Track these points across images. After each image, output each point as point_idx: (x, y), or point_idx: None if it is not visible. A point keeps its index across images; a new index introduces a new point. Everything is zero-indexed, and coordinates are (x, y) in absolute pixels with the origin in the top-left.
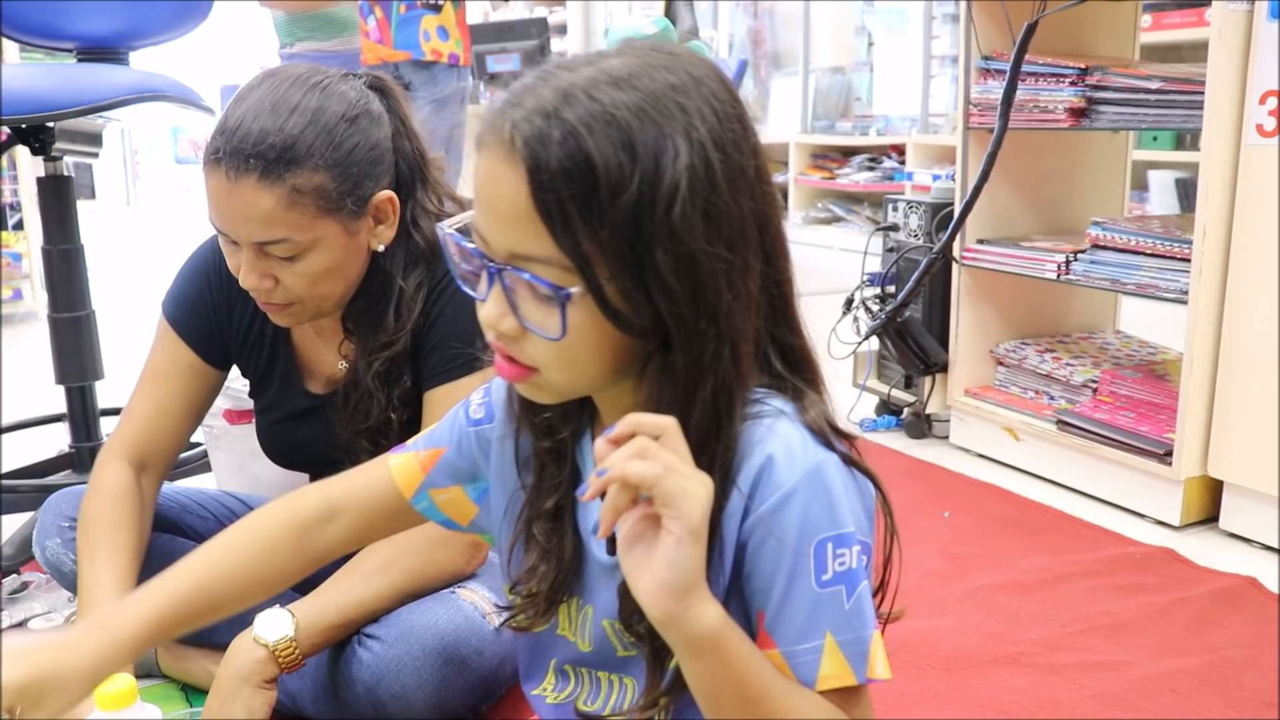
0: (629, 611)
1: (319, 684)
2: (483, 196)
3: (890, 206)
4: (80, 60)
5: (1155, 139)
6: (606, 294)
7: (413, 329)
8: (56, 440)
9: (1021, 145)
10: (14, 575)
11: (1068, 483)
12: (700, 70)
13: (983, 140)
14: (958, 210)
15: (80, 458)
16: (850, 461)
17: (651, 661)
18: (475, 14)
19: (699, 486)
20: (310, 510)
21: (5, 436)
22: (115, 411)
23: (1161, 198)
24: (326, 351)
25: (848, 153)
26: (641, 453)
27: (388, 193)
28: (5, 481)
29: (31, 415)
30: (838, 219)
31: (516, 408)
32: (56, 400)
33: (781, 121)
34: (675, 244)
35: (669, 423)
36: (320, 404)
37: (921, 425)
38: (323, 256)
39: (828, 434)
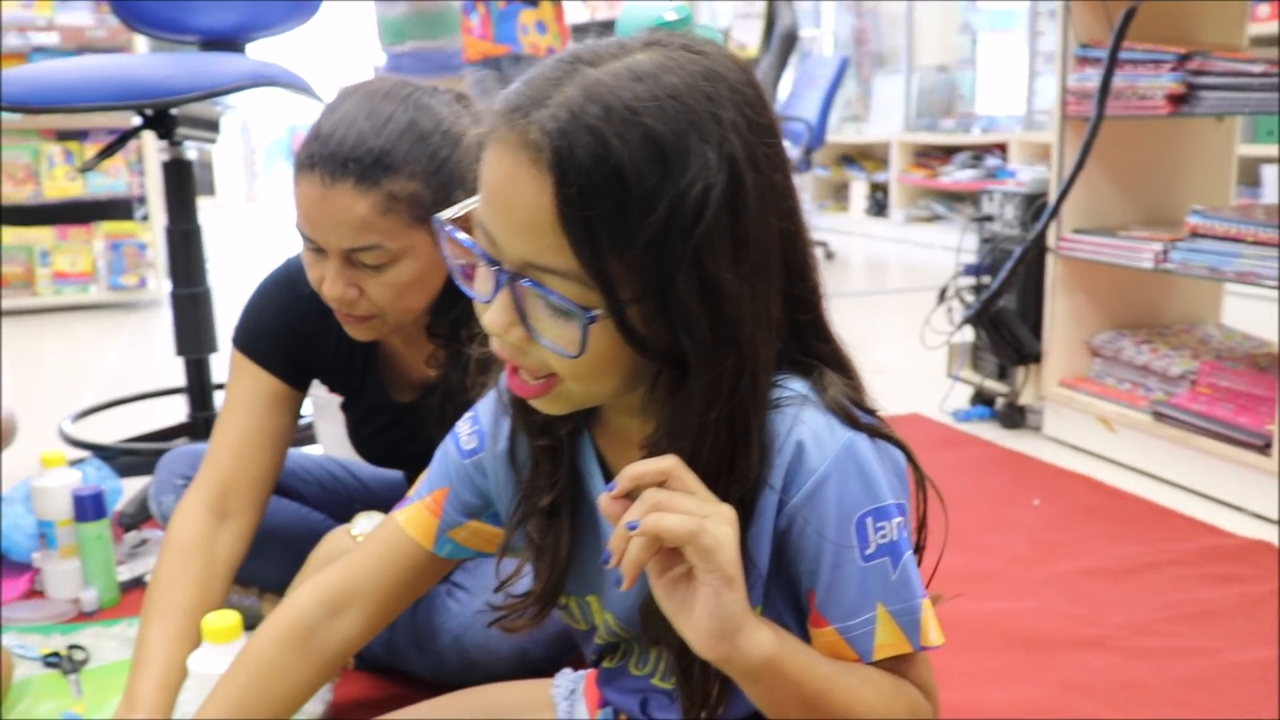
0: (653, 631)
1: (409, 636)
2: (497, 198)
3: (986, 197)
4: (202, 51)
5: (1270, 133)
6: (627, 316)
7: None
8: (176, 411)
9: (1121, 135)
10: (134, 531)
11: (1163, 475)
12: (734, 75)
13: (1080, 130)
14: (1052, 199)
15: (196, 426)
16: (876, 433)
17: (683, 680)
18: (583, 13)
19: (727, 527)
20: (309, 613)
21: (130, 406)
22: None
23: (1276, 192)
24: (414, 361)
25: (950, 151)
26: (661, 505)
27: None
28: (129, 446)
29: (153, 388)
30: (939, 217)
31: (511, 408)
32: (177, 376)
33: (884, 120)
34: (700, 268)
35: (672, 464)
36: (407, 411)
37: (1015, 416)
38: (411, 267)
39: (850, 411)
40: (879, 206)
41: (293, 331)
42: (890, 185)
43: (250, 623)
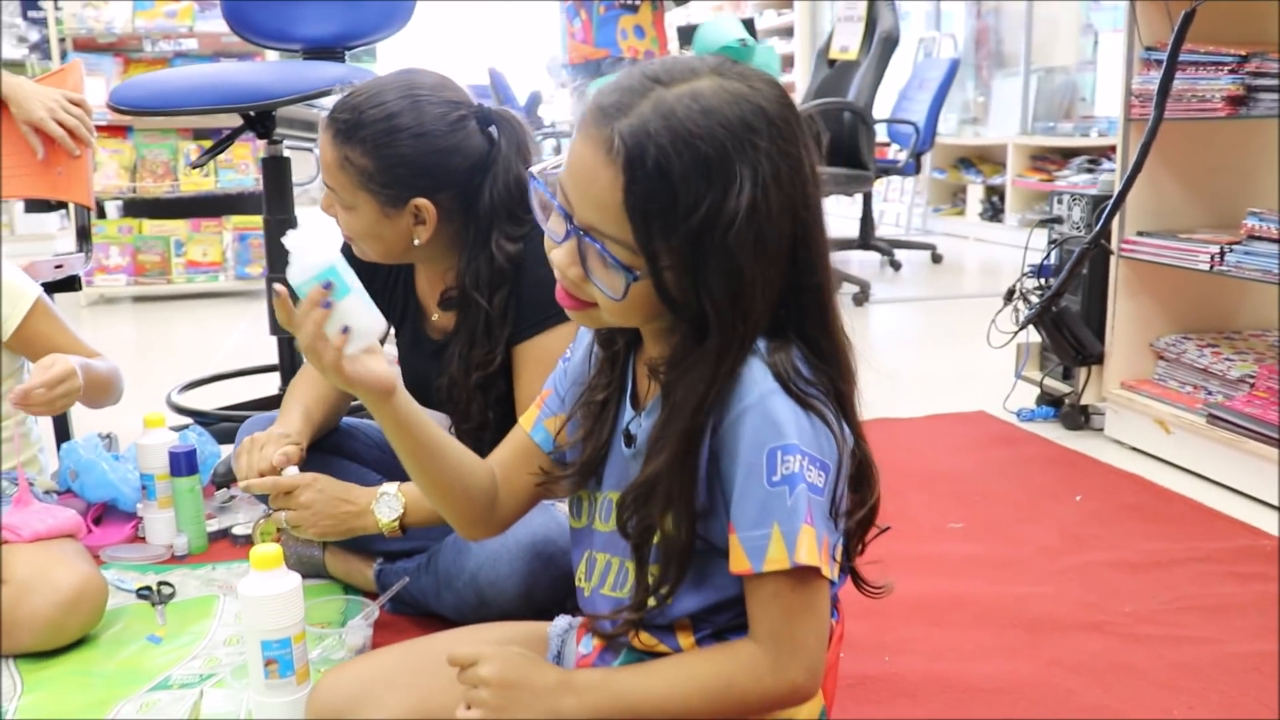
0: (625, 510)
1: (440, 578)
2: (578, 175)
3: (1055, 199)
4: (305, 59)
5: None
6: (664, 281)
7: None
8: (272, 385)
9: (1188, 137)
10: (224, 489)
11: (1216, 477)
12: (774, 108)
13: (1143, 132)
14: (1112, 202)
15: None
16: (803, 403)
17: (636, 562)
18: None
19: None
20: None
21: (237, 381)
22: None
23: None
24: (431, 305)
25: (1068, 154)
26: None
27: (426, 202)
28: (224, 414)
29: (251, 365)
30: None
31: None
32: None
33: (1002, 123)
34: (728, 259)
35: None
36: (437, 347)
37: (1077, 417)
38: (359, 219)
39: (785, 376)
40: (994, 210)
41: (361, 267)
42: (1006, 189)
43: (313, 571)
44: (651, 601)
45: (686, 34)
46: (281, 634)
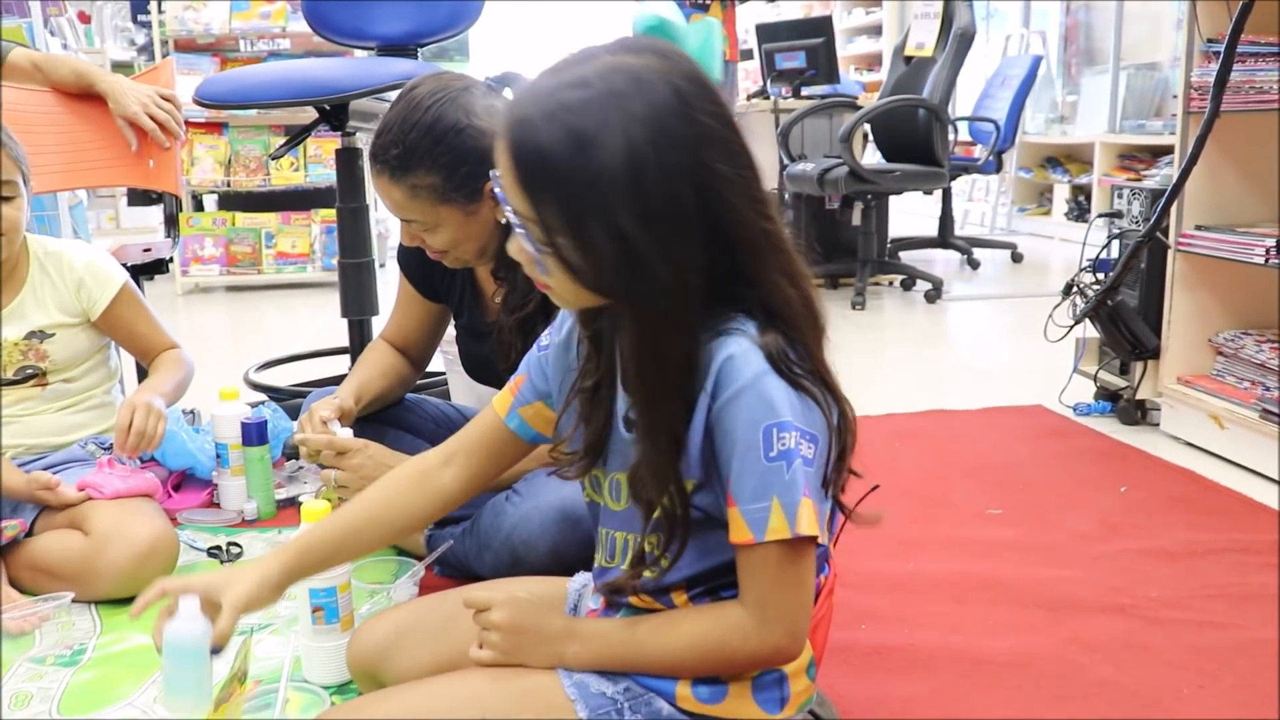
0: (637, 481)
1: (480, 540)
2: (499, 167)
3: (1115, 193)
4: (380, 56)
5: None
6: (564, 254)
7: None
8: (341, 366)
9: (1248, 130)
10: (293, 461)
11: (1269, 472)
12: (661, 76)
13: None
14: (1166, 195)
15: None
16: (794, 383)
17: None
18: (769, 14)
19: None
20: (432, 459)
21: (304, 362)
22: None
23: None
24: (489, 291)
25: (1157, 153)
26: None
27: None
28: (295, 389)
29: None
30: None
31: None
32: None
33: (1090, 121)
34: (610, 225)
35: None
36: (490, 326)
37: (1133, 411)
38: (447, 231)
39: (776, 357)
40: (1080, 210)
41: (418, 255)
42: (1092, 188)
43: None
44: (649, 573)
45: (794, 28)
46: (328, 583)
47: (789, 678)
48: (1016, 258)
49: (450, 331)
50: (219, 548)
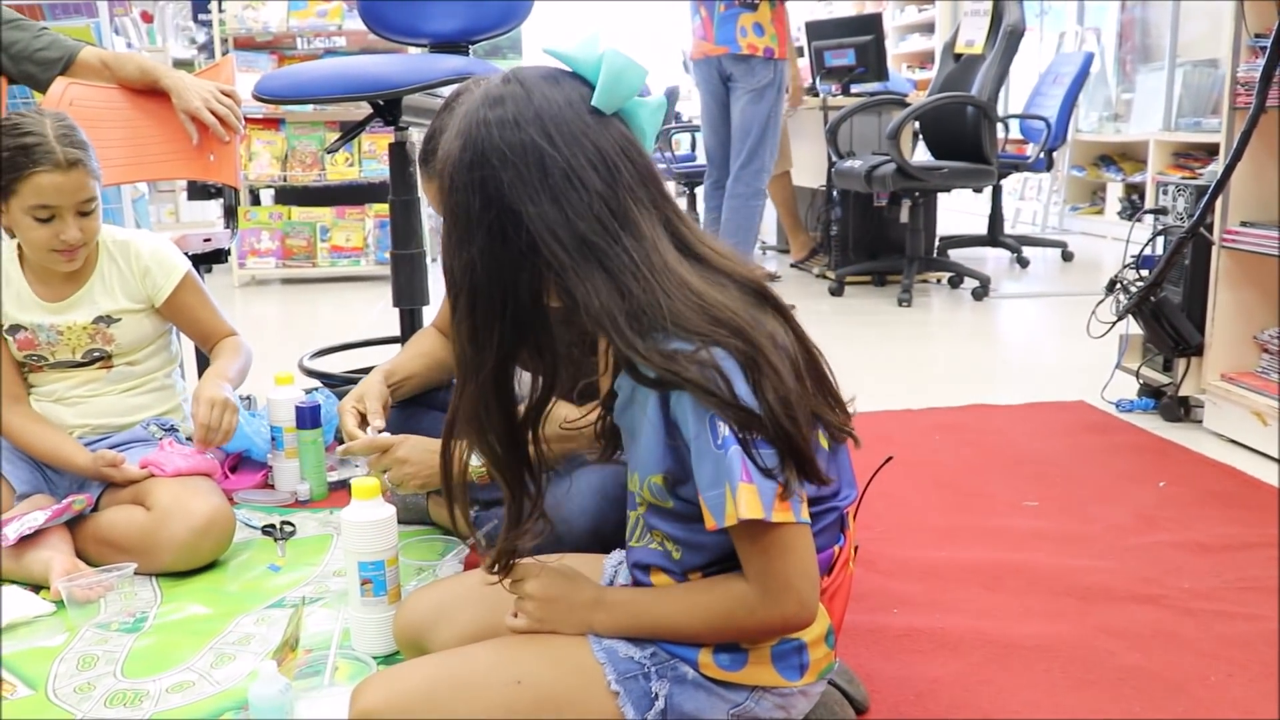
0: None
1: None
2: None
3: (1160, 190)
4: (432, 53)
5: None
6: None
7: None
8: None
9: None
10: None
11: None
12: (506, 96)
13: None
14: (1210, 191)
15: None
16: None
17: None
18: (821, 12)
19: (546, 611)
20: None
21: (357, 350)
22: None
23: None
24: None
25: (1214, 151)
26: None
27: None
28: (347, 375)
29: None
30: None
31: None
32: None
33: (1145, 118)
34: (459, 210)
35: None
36: None
37: (1176, 408)
38: None
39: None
40: (1134, 209)
41: None
42: (1146, 186)
43: (418, 517)
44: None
45: (842, 25)
46: (376, 556)
47: (808, 646)
48: (1067, 256)
49: None
50: (273, 526)
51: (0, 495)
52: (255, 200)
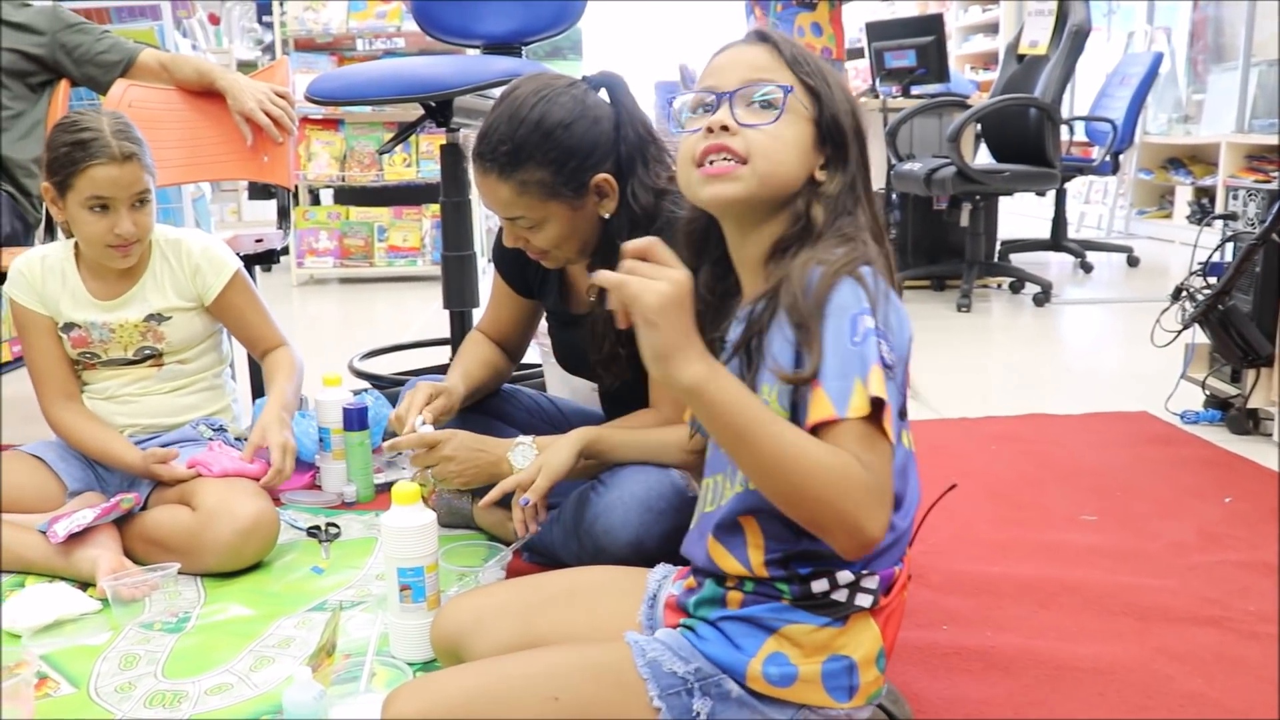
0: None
1: (566, 529)
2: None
3: (1231, 194)
4: (485, 54)
5: None
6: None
7: None
8: (442, 356)
9: None
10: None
11: None
12: None
13: None
14: None
15: None
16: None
17: None
18: (885, 11)
19: (661, 285)
20: None
21: (407, 351)
22: None
23: None
24: (582, 285)
25: None
26: (625, 270)
27: (605, 175)
28: (396, 377)
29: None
30: None
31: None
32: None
33: (1217, 120)
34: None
35: (649, 241)
36: (580, 319)
37: (1244, 421)
38: (554, 228)
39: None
40: (1204, 213)
41: (513, 255)
42: (1217, 190)
43: (462, 522)
44: None
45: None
46: (415, 562)
47: (859, 666)
48: (1132, 261)
49: (544, 324)
50: (318, 528)
51: (51, 493)
52: (314, 200)
